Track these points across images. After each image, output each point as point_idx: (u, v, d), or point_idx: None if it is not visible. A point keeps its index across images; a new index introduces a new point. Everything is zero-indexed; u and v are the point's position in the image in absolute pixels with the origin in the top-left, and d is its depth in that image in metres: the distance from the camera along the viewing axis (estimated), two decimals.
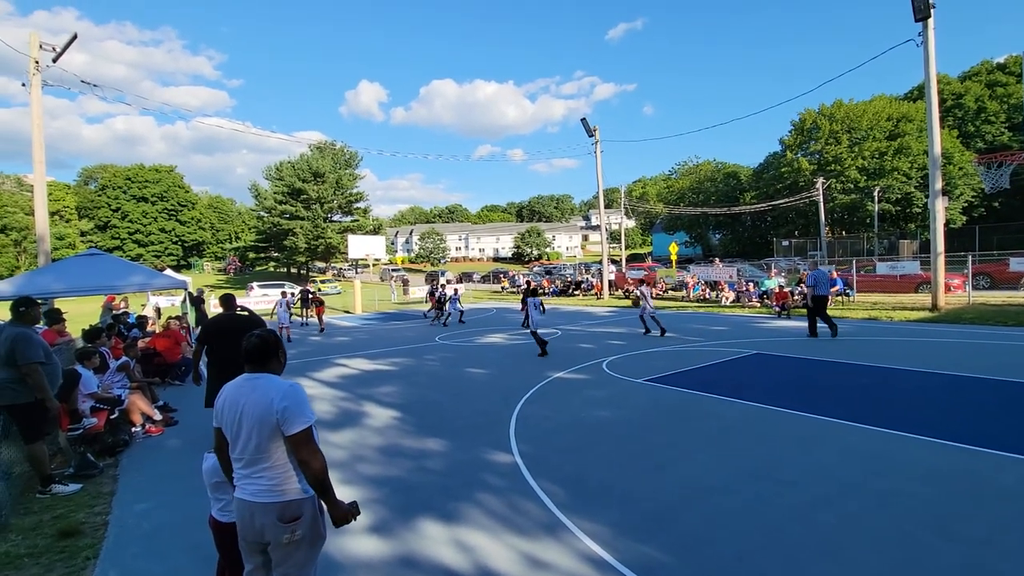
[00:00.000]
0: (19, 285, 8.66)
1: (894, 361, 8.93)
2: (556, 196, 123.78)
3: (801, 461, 4.84)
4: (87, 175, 72.52)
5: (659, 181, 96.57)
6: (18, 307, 4.78)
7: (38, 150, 13.53)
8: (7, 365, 4.54)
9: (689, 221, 60.18)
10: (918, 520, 3.67)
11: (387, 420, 6.81)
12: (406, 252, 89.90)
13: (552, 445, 5.56)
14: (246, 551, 2.35)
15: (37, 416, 4.74)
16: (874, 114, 45.04)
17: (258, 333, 2.42)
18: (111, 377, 7.09)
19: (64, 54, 13.85)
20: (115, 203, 65.67)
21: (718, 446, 5.34)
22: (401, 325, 19.19)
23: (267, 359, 2.40)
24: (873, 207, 42.97)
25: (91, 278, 9.15)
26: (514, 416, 6.66)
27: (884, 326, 13.64)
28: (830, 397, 6.94)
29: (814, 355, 9.80)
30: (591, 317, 19.19)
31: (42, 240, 13.66)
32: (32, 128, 13.49)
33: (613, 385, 8.19)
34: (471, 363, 10.67)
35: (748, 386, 7.71)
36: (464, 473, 4.90)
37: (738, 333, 13.28)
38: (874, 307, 17.29)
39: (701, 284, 24.09)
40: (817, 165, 46.44)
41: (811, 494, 4.15)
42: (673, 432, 5.85)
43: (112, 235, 64.88)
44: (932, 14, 14.75)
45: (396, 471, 5.04)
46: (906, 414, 6.04)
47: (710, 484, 4.42)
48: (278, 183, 53.13)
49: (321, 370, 10.40)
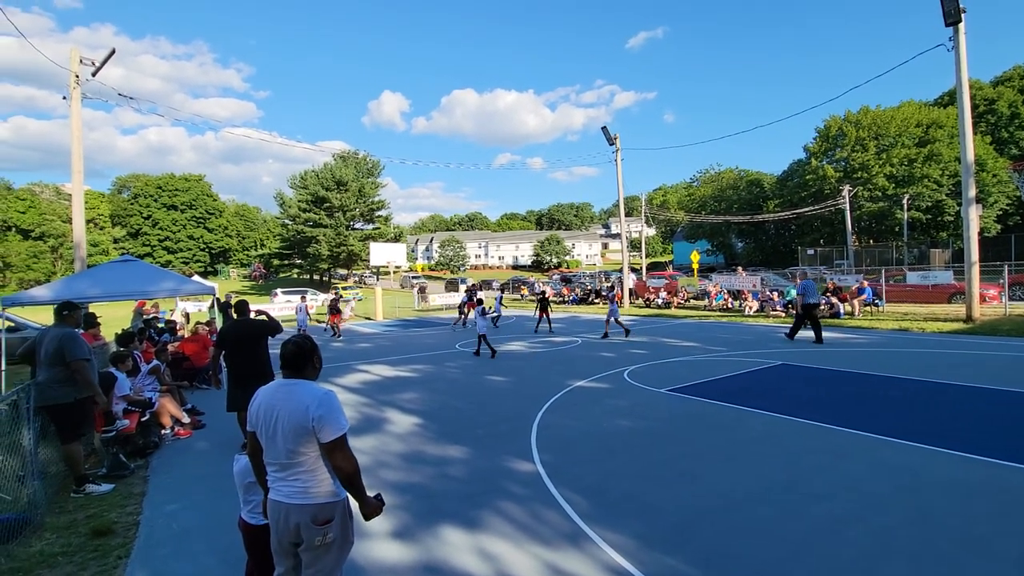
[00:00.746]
0: (58, 290, 8.99)
1: (926, 373, 8.66)
2: (576, 204, 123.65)
3: (830, 474, 4.71)
4: (121, 184, 75.18)
5: (680, 189, 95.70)
6: (62, 311, 4.99)
7: (77, 160, 14.07)
8: (54, 364, 4.75)
9: (711, 229, 59.47)
10: (951, 537, 3.55)
11: (409, 426, 6.85)
12: (426, 260, 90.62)
13: (574, 454, 5.52)
14: (279, 552, 2.40)
15: (76, 416, 4.92)
16: (903, 120, 44.04)
17: (294, 339, 2.48)
18: (142, 380, 7.28)
19: (102, 68, 14.42)
20: (146, 211, 67.82)
21: (744, 458, 5.23)
22: (422, 332, 19.33)
23: (303, 365, 2.45)
24: (902, 215, 41.90)
25: (125, 284, 9.45)
26: (535, 424, 6.64)
27: (915, 337, 13.24)
28: (859, 409, 6.75)
29: (842, 366, 9.56)
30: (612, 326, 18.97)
31: (79, 247, 14.16)
32: (72, 140, 14.05)
33: (635, 394, 8.11)
34: (491, 371, 10.68)
35: (773, 397, 7.55)
36: (486, 481, 4.90)
37: (762, 343, 13.04)
38: (904, 318, 16.80)
39: (724, 293, 23.73)
40: (843, 172, 45.54)
41: (840, 508, 4.04)
42: (697, 443, 5.76)
43: (143, 242, 66.96)
44: (963, 19, 14.41)
45: (419, 477, 5.07)
46: (940, 428, 5.84)
47: (736, 496, 4.34)
48: (302, 191, 54.25)
49: (343, 376, 10.52)
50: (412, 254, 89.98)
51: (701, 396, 7.78)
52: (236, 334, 5.78)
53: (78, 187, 14.37)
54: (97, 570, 3.62)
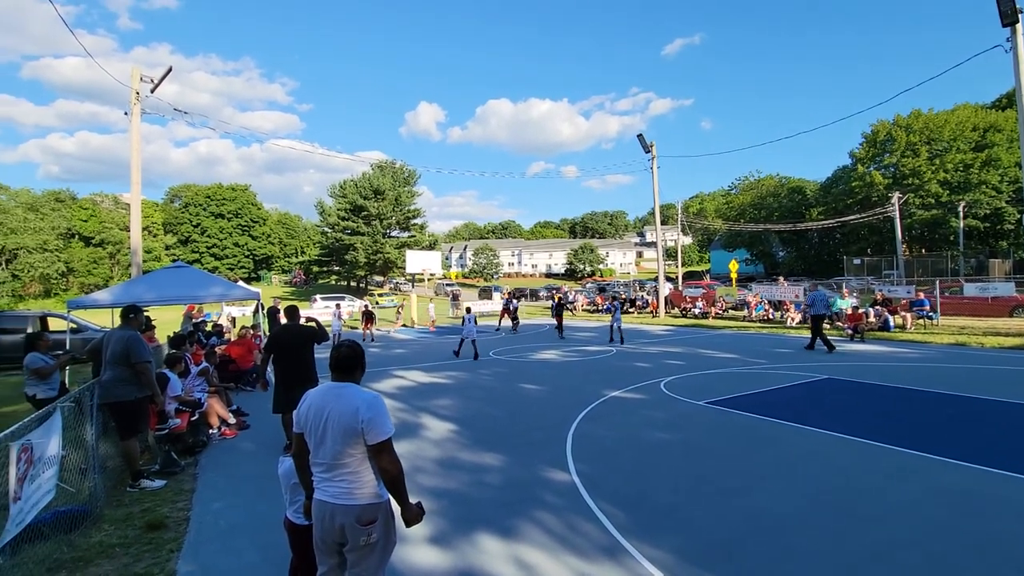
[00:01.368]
0: (117, 294, 9.53)
1: (987, 391, 8.15)
2: (610, 212, 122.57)
3: (883, 496, 4.49)
4: (173, 194, 78.96)
5: (717, 197, 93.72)
6: (128, 313, 5.30)
7: (135, 172, 14.91)
8: (119, 364, 5.04)
9: (750, 238, 57.82)
10: (1016, 566, 3.31)
11: (444, 432, 6.91)
12: (459, 267, 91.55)
13: (610, 465, 5.45)
14: (322, 551, 2.45)
15: (136, 414, 5.20)
16: (957, 124, 41.89)
17: (348, 343, 2.57)
18: (192, 381, 7.60)
19: (160, 85, 15.27)
20: (196, 219, 71.09)
21: (789, 475, 5.04)
22: (456, 339, 19.48)
23: (353, 369, 2.54)
24: (957, 223, 39.74)
25: (177, 288, 9.93)
26: (570, 434, 6.59)
27: (974, 353, 12.49)
28: (914, 428, 6.42)
29: (894, 382, 9.10)
30: (647, 335, 18.75)
31: (135, 254, 14.96)
32: (131, 152, 14.90)
33: (672, 406, 7.94)
34: (525, 379, 10.67)
35: (820, 412, 7.26)
36: (522, 489, 4.88)
37: (806, 356, 12.57)
38: (962, 332, 15.89)
39: (764, 304, 23.03)
40: (892, 179, 43.62)
41: (895, 532, 3.84)
42: (739, 458, 5.59)
43: (192, 249, 70.16)
44: (1020, 19, 13.71)
45: (454, 484, 5.10)
46: (1004, 450, 5.48)
47: (781, 515, 4.18)
48: (341, 200, 55.81)
49: (379, 381, 10.71)
50: (446, 262, 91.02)
51: (742, 409, 7.54)
52: (286, 338, 5.93)
53: (136, 198, 15.21)
54: (151, 562, 3.78)
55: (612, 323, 16.92)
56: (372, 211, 54.11)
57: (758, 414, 7.27)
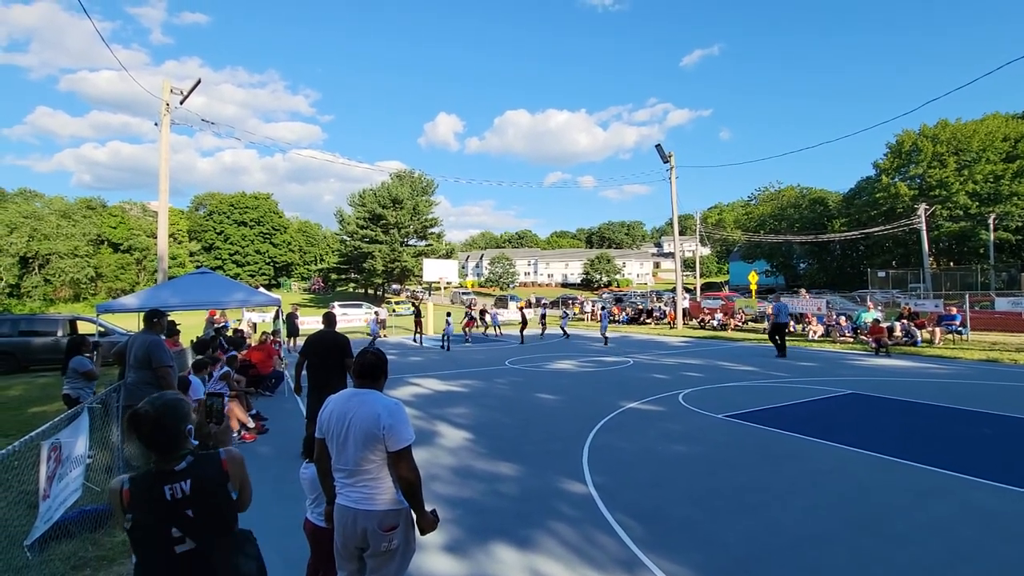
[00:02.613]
0: (144, 299, 9.77)
1: (1022, 410, 7.87)
2: (627, 222, 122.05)
3: (912, 516, 4.34)
4: (198, 202, 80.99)
5: (737, 207, 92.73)
6: (152, 317, 5.41)
7: (164, 181, 15.33)
8: (142, 367, 5.14)
9: (770, 249, 57.05)
10: None
11: (459, 441, 6.90)
12: (476, 276, 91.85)
13: (627, 477, 5.38)
14: (342, 556, 2.47)
15: None
16: (987, 134, 40.95)
17: (374, 351, 2.61)
18: (213, 385, 7.72)
19: (189, 97, 15.73)
20: (219, 227, 72.76)
21: (813, 492, 4.92)
22: (471, 348, 19.52)
23: (377, 376, 2.57)
24: (987, 236, 38.67)
25: (202, 294, 10.14)
26: (587, 445, 6.53)
27: (1007, 370, 12.08)
28: (944, 446, 6.22)
29: (922, 398, 8.84)
30: (664, 347, 18.54)
31: (162, 260, 15.35)
32: (160, 162, 15.35)
33: (690, 419, 7.82)
34: (541, 389, 10.62)
35: (844, 428, 7.08)
36: (537, 500, 4.84)
37: (829, 370, 12.29)
38: (993, 348, 15.39)
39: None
40: (918, 190, 42.75)
41: (924, 553, 3.71)
42: (759, 473, 5.47)
43: (215, 255, 71.72)
44: None
45: (469, 492, 5.08)
46: None
47: (805, 533, 4.07)
48: (360, 209, 56.59)
49: (395, 388, 10.76)
50: (462, 270, 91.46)
51: (762, 423, 7.40)
52: (322, 344, 5.94)
53: (164, 206, 15.63)
54: None
55: (603, 330, 19.45)
56: (390, 220, 54.75)
57: (779, 428, 7.12)
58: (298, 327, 20.50)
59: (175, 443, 1.92)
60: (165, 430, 1.90)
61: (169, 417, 1.92)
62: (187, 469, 1.89)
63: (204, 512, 1.88)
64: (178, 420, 1.95)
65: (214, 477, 1.92)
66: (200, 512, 1.87)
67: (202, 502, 1.87)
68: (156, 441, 1.90)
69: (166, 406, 1.94)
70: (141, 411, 1.90)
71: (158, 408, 1.92)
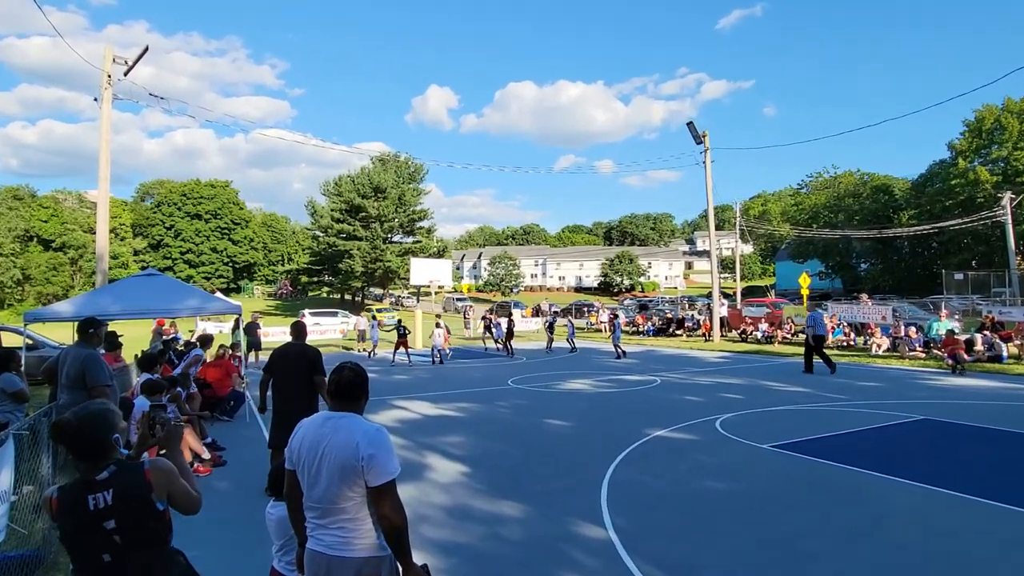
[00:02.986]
0: (80, 306, 9.82)
1: None
2: (653, 215, 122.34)
3: (998, 570, 4.31)
4: (144, 191, 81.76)
5: (784, 197, 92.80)
6: (87, 328, 5.43)
7: (104, 167, 15.47)
8: (76, 388, 5.15)
9: (824, 247, 56.95)
10: None
11: (453, 475, 6.91)
12: (473, 279, 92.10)
13: (654, 520, 5.38)
14: None
15: None
16: None
17: (351, 366, 2.58)
18: None
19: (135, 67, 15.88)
20: (169, 220, 73.30)
21: (881, 539, 4.89)
22: (466, 364, 19.55)
23: (357, 397, 2.55)
24: None
25: (148, 300, 10.18)
26: (606, 481, 6.52)
27: None
28: None
29: (1012, 426, 8.79)
30: (698, 363, 18.54)
31: (101, 259, 15.47)
32: (100, 144, 15.49)
33: (730, 449, 7.82)
34: (551, 413, 10.62)
35: (917, 462, 7.08)
36: (546, 547, 4.83)
37: (896, 392, 12.26)
38: None
39: (843, 326, 22.57)
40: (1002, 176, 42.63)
41: None
42: (813, 514, 5.46)
43: (164, 254, 72.26)
44: None
45: (466, 537, 5.08)
46: None
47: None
48: (336, 199, 56.91)
49: (377, 412, 10.76)
50: (457, 272, 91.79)
51: (816, 456, 7.38)
52: (289, 360, 5.95)
53: (104, 194, 15.76)
54: None
55: (614, 341, 20.46)
56: (371, 212, 55.01)
57: (836, 461, 7.10)
58: (261, 339, 20.58)
59: (100, 453, 2.18)
60: (89, 440, 2.16)
61: (93, 427, 2.18)
62: (108, 479, 2.14)
63: (126, 523, 2.13)
64: (103, 430, 2.20)
65: (136, 487, 2.16)
66: (122, 522, 2.12)
67: (124, 512, 2.12)
68: (80, 451, 2.17)
69: (90, 415, 2.19)
70: (64, 421, 2.16)
71: (82, 418, 2.16)
